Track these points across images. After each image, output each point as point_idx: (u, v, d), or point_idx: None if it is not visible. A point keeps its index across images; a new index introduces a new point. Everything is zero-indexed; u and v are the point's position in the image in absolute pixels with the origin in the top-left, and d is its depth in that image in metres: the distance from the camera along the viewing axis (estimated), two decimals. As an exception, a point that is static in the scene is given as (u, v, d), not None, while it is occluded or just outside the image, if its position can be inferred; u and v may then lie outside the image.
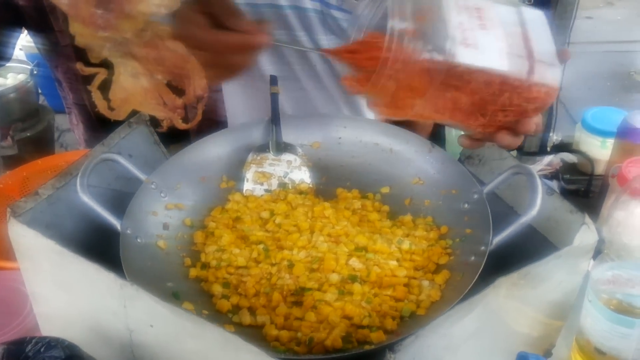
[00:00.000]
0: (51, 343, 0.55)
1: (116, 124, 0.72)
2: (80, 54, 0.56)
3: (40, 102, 2.17)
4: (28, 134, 1.90)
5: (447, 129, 1.20)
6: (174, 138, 0.85)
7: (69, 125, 1.32)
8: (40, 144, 1.97)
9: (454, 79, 0.54)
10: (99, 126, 1.27)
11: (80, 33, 0.52)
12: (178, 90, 0.60)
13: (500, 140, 0.60)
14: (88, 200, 0.67)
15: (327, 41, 1.01)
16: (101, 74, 0.56)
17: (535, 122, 0.59)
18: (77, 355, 0.54)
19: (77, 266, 0.58)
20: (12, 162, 1.74)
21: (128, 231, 0.69)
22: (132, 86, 0.56)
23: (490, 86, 0.55)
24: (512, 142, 0.61)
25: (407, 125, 0.84)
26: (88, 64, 0.56)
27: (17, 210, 0.65)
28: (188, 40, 0.60)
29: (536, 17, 0.60)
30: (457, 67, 0.53)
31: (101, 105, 0.57)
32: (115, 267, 0.62)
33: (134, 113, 0.63)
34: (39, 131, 1.96)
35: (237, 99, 1.02)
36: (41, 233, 0.61)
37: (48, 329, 0.70)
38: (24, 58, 2.10)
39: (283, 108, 1.05)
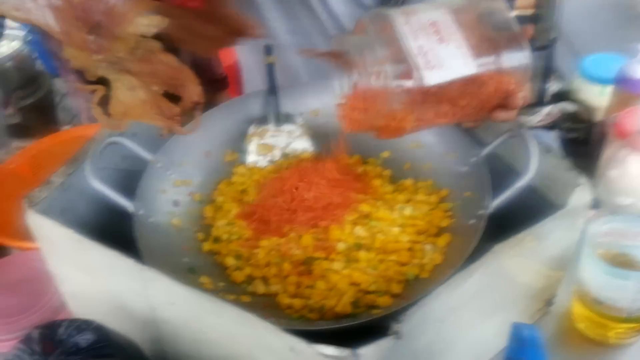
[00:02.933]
0: (81, 326, 0.59)
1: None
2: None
3: (36, 67, 2.15)
4: (30, 101, 1.90)
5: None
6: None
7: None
8: (43, 110, 1.98)
9: (431, 96, 0.57)
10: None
11: (75, 57, 0.54)
12: (175, 99, 0.61)
13: (496, 118, 0.63)
14: (99, 185, 0.69)
15: (337, 5, 1.00)
16: (99, 91, 0.57)
17: (521, 96, 0.62)
18: (105, 338, 0.58)
19: (96, 252, 0.61)
20: (17, 130, 1.75)
21: (141, 212, 0.72)
22: (130, 99, 0.58)
23: (467, 89, 0.58)
24: (507, 117, 0.63)
25: None
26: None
27: (33, 200, 0.67)
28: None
29: (492, 2, 0.60)
30: (430, 89, 0.56)
31: (102, 120, 0.58)
32: (130, 246, 0.65)
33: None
34: (39, 97, 1.96)
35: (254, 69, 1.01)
36: (57, 220, 0.64)
37: (75, 307, 0.73)
38: (14, 24, 2.07)
39: (299, 76, 1.03)
